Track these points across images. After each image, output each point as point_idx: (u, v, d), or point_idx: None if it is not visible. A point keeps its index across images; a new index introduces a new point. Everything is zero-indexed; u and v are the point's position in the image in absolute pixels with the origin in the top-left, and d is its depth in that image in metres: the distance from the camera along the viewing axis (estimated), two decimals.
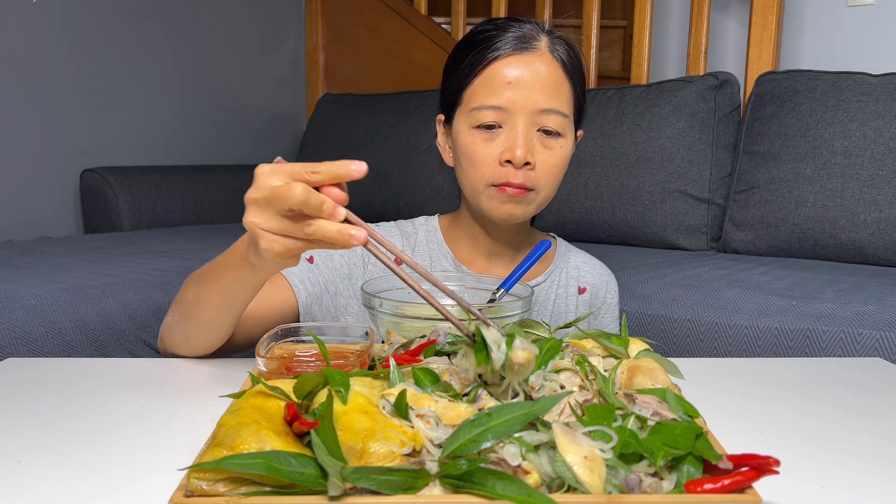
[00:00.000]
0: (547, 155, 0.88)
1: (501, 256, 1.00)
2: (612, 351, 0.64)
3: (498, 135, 0.87)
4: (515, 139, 0.86)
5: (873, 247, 1.63)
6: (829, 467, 0.55)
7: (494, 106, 0.86)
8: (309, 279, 0.93)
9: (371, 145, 2.47)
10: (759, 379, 0.79)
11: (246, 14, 2.86)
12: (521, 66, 0.86)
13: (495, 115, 0.87)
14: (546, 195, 0.91)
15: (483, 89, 0.88)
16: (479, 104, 0.87)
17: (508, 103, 0.86)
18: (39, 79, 2.15)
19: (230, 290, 0.73)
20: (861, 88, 1.71)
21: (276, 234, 0.59)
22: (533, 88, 0.86)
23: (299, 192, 0.55)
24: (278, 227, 0.58)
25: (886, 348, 1.11)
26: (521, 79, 0.86)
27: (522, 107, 0.86)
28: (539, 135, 0.88)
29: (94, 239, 1.89)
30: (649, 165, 1.90)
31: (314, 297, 0.93)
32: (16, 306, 1.20)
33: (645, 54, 2.29)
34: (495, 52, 0.87)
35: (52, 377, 0.75)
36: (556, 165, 0.89)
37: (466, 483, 0.43)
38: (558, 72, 0.88)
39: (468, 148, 0.89)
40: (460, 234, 1.01)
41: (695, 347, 1.28)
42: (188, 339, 0.80)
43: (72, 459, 0.54)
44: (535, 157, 0.87)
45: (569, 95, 0.89)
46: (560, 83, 0.88)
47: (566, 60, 0.89)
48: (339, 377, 0.53)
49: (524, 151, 0.85)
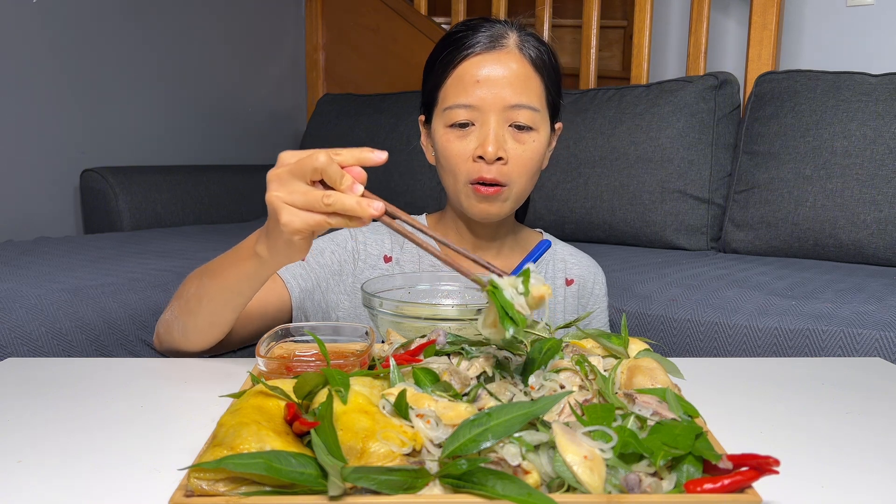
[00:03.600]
0: (520, 149, 0.91)
1: (486, 251, 1.02)
2: (611, 351, 0.64)
3: (471, 132, 0.90)
4: (487, 136, 0.88)
5: (873, 247, 1.63)
6: (829, 467, 0.55)
7: (465, 104, 0.89)
8: (301, 275, 0.94)
9: (371, 145, 2.46)
10: (759, 379, 0.79)
11: (246, 14, 2.86)
12: (490, 64, 0.89)
13: (467, 114, 0.90)
14: (520, 189, 0.93)
15: (455, 89, 0.91)
16: (451, 103, 0.90)
17: (478, 101, 0.89)
18: (39, 79, 2.15)
19: (233, 286, 0.74)
20: (861, 88, 1.71)
21: (298, 208, 0.61)
22: (501, 85, 0.88)
23: (322, 158, 0.59)
24: (301, 200, 0.61)
25: (886, 348, 1.11)
26: (490, 76, 0.89)
27: (492, 104, 0.89)
28: (511, 130, 0.90)
29: (94, 239, 1.89)
30: (649, 165, 1.90)
31: (307, 293, 0.94)
32: (16, 306, 1.20)
33: (645, 54, 2.29)
34: (465, 51, 0.90)
35: (52, 377, 0.75)
36: (529, 159, 0.91)
37: (466, 483, 0.43)
38: (527, 68, 0.90)
39: (444, 146, 0.92)
40: (446, 230, 1.04)
41: (695, 347, 1.28)
42: (186, 335, 0.80)
43: (72, 459, 0.54)
44: (508, 151, 0.90)
45: (539, 90, 0.91)
46: (529, 78, 0.90)
47: (535, 56, 0.91)
48: (339, 377, 0.53)
49: (495, 147, 0.88)
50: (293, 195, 0.61)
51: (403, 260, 1.02)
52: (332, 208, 0.60)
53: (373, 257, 1.01)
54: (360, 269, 1.00)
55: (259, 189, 2.48)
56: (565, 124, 2.05)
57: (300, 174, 0.61)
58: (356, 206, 0.60)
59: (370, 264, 1.01)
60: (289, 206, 0.61)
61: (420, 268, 1.01)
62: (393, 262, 1.01)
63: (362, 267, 1.00)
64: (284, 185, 0.62)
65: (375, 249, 1.02)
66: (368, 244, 1.01)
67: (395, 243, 1.03)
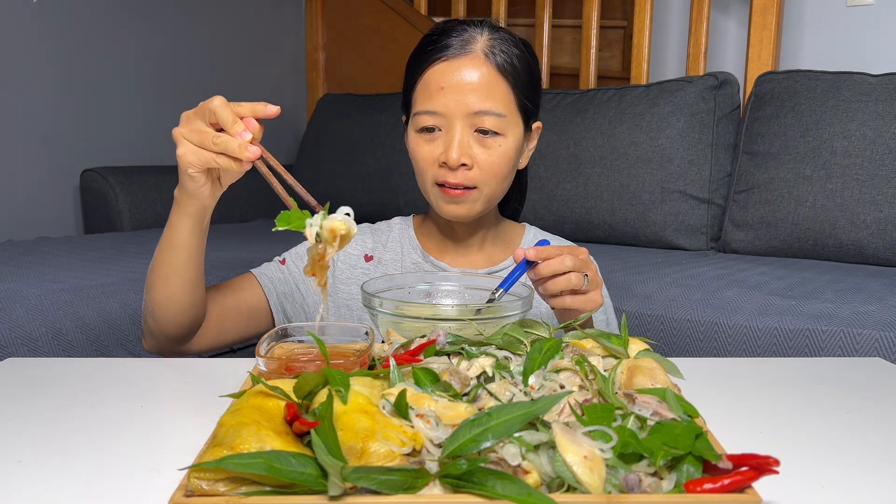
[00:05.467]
0: (486, 154, 0.91)
1: (469, 248, 1.04)
2: (611, 351, 0.64)
3: (437, 137, 0.92)
4: (451, 142, 0.90)
5: (873, 247, 1.63)
6: (828, 467, 0.55)
7: (430, 111, 0.91)
8: (279, 279, 0.99)
9: (371, 145, 2.47)
10: (759, 379, 0.79)
11: (246, 14, 2.86)
12: (454, 70, 0.90)
13: (433, 120, 0.91)
14: (491, 191, 0.94)
15: (422, 95, 0.92)
16: (418, 109, 0.92)
17: (443, 108, 0.90)
18: (40, 79, 2.15)
19: (170, 242, 0.82)
20: (861, 88, 1.71)
21: (192, 144, 0.71)
22: (465, 92, 0.89)
23: (217, 101, 0.70)
24: (196, 138, 0.71)
25: (886, 348, 1.11)
26: (454, 83, 0.90)
27: (455, 110, 0.90)
28: (477, 135, 0.91)
29: (94, 239, 1.89)
30: (649, 165, 1.90)
31: (285, 295, 0.99)
32: (16, 306, 1.20)
33: (645, 54, 2.29)
34: (433, 56, 0.91)
35: (52, 377, 0.75)
36: (495, 163, 0.92)
37: (466, 483, 0.43)
38: (492, 73, 0.90)
39: (413, 150, 0.95)
40: (431, 229, 1.05)
41: (695, 347, 1.28)
42: (154, 316, 0.86)
43: (72, 459, 0.54)
44: (474, 157, 0.91)
45: (506, 95, 0.91)
46: (494, 84, 0.90)
47: (502, 62, 0.91)
48: (339, 377, 0.53)
49: (458, 154, 0.89)
50: (191, 133, 0.72)
51: (385, 259, 1.04)
52: (218, 148, 0.70)
53: (353, 257, 1.04)
54: (339, 270, 1.03)
55: (259, 190, 2.49)
56: (565, 125, 2.06)
57: (202, 115, 0.72)
58: (237, 149, 0.69)
59: (350, 264, 1.03)
60: (185, 141, 0.72)
61: (402, 267, 1.02)
62: (374, 261, 1.04)
63: (342, 267, 1.03)
64: (188, 122, 0.73)
65: (356, 249, 1.04)
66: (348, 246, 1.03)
67: (378, 242, 1.05)
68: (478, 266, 1.03)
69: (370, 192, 2.44)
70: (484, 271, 1.01)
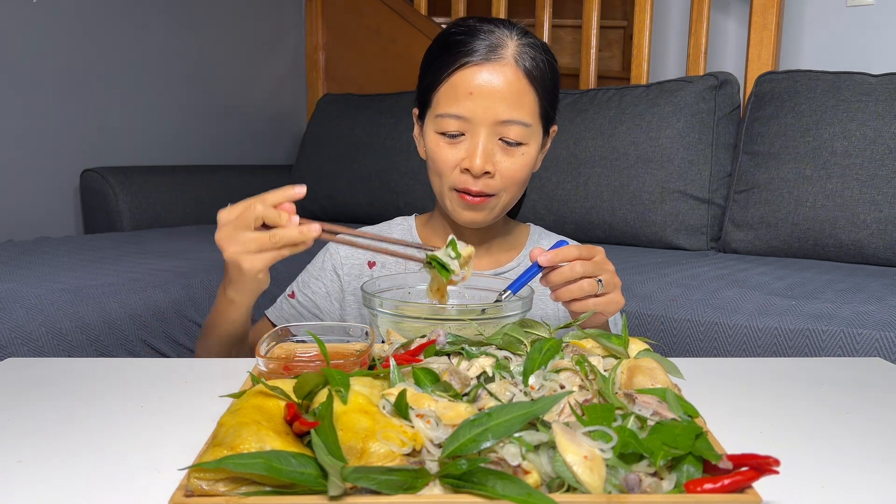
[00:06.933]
0: (508, 162, 0.90)
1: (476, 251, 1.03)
2: (612, 351, 0.64)
3: (460, 142, 0.90)
4: (475, 149, 0.88)
5: (873, 247, 1.63)
6: (828, 467, 0.55)
7: (456, 115, 0.88)
8: (292, 315, 1.04)
9: (371, 145, 2.47)
10: (759, 379, 0.78)
11: (246, 14, 2.86)
12: (485, 76, 0.87)
13: (458, 124, 0.89)
14: (510, 198, 0.94)
15: (447, 97, 0.89)
16: (442, 111, 0.89)
17: (470, 113, 0.88)
18: (39, 79, 2.15)
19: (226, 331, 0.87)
20: (861, 88, 1.71)
21: (253, 253, 0.74)
22: (494, 99, 0.87)
23: (260, 207, 0.73)
24: (254, 247, 0.73)
25: (886, 348, 1.11)
26: (484, 89, 0.87)
27: (483, 118, 0.87)
28: (501, 143, 0.90)
29: (94, 239, 1.89)
30: (649, 165, 1.90)
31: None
32: (16, 306, 1.20)
33: (645, 54, 2.29)
34: (462, 59, 0.88)
35: (52, 377, 0.75)
36: (518, 171, 0.91)
37: (466, 483, 0.43)
38: (522, 81, 0.88)
39: (433, 151, 0.92)
40: (435, 229, 1.04)
41: (695, 347, 1.28)
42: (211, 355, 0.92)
43: (72, 459, 0.54)
44: (496, 165, 0.89)
45: (532, 104, 0.90)
46: (523, 93, 0.89)
47: (531, 68, 0.89)
48: (339, 377, 0.53)
49: (482, 162, 0.88)
50: (246, 244, 0.74)
51: (388, 263, 1.03)
52: (279, 244, 0.73)
53: (356, 266, 1.04)
54: (346, 282, 1.04)
55: (259, 189, 2.48)
56: (565, 124, 2.06)
57: (245, 225, 0.73)
58: (298, 236, 0.73)
59: (355, 274, 1.04)
60: (245, 255, 0.74)
61: (406, 268, 1.02)
62: (378, 266, 1.04)
63: (348, 279, 1.03)
64: (235, 240, 0.74)
65: (357, 259, 1.04)
66: (349, 256, 1.05)
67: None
68: (483, 268, 1.02)
69: (370, 192, 2.44)
70: (489, 273, 1.01)
